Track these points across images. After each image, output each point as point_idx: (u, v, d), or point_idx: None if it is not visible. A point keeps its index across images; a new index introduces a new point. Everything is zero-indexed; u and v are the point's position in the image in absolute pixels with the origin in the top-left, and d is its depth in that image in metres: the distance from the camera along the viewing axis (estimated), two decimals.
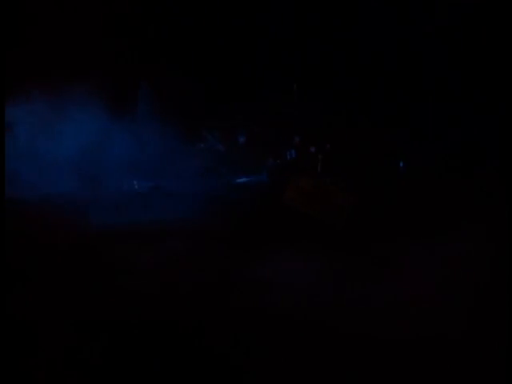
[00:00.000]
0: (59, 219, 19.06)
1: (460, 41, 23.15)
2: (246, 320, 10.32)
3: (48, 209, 20.41)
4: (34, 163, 25.81)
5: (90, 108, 25.48)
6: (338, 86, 26.07)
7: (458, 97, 23.01)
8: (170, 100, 26.01)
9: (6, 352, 8.84)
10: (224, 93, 28.43)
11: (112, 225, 18.96)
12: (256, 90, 27.56)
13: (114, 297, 11.44)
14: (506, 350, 8.89)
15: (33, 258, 14.41)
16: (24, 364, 8.56)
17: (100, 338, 9.52)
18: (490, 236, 14.78)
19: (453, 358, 8.82)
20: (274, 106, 28.17)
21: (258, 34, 28.12)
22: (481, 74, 22.35)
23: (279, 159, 28.31)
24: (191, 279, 12.56)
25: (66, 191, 23.92)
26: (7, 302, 10.95)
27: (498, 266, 12.43)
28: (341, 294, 12.02)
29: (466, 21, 22.41)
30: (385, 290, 11.99)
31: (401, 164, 23.79)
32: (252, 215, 19.86)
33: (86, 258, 14.88)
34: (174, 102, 26.05)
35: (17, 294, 11.58)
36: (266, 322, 9.94)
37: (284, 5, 28.20)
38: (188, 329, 9.77)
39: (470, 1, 22.18)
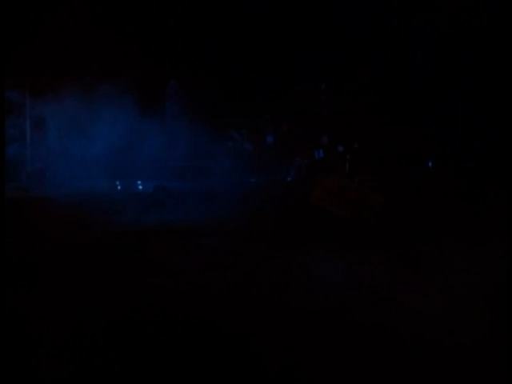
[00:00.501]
0: (93, 217, 19.42)
1: (494, 48, 23.13)
2: (286, 316, 10.57)
3: (83, 207, 20.80)
4: (64, 162, 26.13)
5: (121, 108, 25.76)
6: (367, 87, 26.17)
7: (488, 98, 23.01)
8: (198, 99, 26.29)
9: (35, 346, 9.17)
10: (252, 92, 28.63)
11: (147, 223, 19.20)
12: (284, 90, 27.75)
13: (152, 294, 11.64)
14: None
15: (65, 255, 14.66)
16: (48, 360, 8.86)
17: (141, 335, 9.73)
18: None
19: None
20: (302, 105, 28.30)
21: (286, 35, 28.30)
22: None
23: (307, 159, 28.47)
24: (228, 277, 12.74)
25: (96, 189, 24.21)
26: (36, 296, 11.32)
27: None
28: (373, 291, 12.15)
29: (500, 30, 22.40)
30: (416, 289, 12.12)
31: (429, 164, 23.83)
32: (282, 214, 19.89)
33: (119, 257, 15.07)
34: (203, 101, 26.31)
35: (44, 290, 11.86)
36: (309, 319, 10.11)
37: (309, 7, 28.37)
38: (230, 328, 9.99)
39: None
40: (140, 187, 25.90)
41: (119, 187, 26.27)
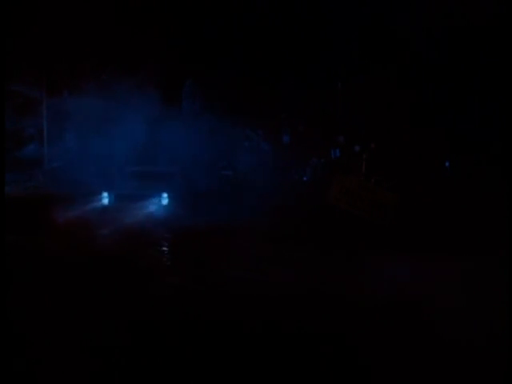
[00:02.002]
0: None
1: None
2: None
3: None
4: (81, 161, 26.17)
5: (139, 106, 25.83)
6: (384, 86, 26.05)
7: (505, 99, 22.84)
8: (215, 99, 26.31)
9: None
10: (268, 92, 28.59)
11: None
12: (300, 89, 27.66)
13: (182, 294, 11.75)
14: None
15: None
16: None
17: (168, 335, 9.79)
18: None
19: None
20: (318, 104, 28.20)
21: (302, 34, 28.24)
22: None
23: (323, 158, 28.39)
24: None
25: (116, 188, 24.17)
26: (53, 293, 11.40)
27: None
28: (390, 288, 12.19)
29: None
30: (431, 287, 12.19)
31: (447, 164, 23.72)
32: (299, 213, 19.85)
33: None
34: (219, 100, 26.32)
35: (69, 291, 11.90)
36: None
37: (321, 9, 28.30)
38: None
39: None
40: None
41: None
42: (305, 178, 26.64)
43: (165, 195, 21.54)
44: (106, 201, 21.81)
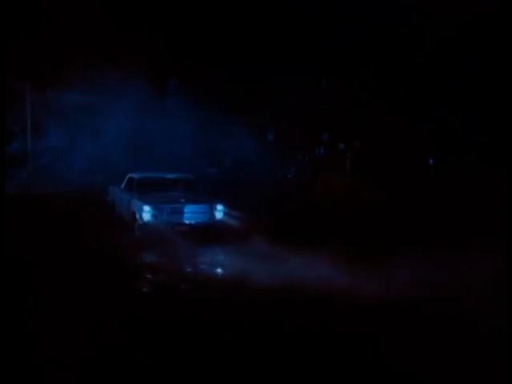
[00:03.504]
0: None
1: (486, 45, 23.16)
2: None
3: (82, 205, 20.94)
4: (66, 158, 26.08)
5: (122, 104, 25.78)
6: (368, 84, 26.17)
7: (487, 95, 23.03)
8: (199, 97, 26.25)
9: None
10: (253, 89, 28.62)
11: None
12: (284, 87, 27.71)
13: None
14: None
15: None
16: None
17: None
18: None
19: None
20: (302, 102, 28.27)
21: (286, 31, 28.28)
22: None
23: (308, 156, 28.46)
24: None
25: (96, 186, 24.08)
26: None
27: None
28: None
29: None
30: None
31: (430, 161, 23.86)
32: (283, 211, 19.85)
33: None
34: (204, 98, 26.28)
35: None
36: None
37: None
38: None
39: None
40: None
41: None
42: (289, 176, 26.73)
43: (220, 207, 18.41)
44: (148, 216, 17.65)
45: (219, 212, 18.41)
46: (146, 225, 17.58)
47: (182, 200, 18.28)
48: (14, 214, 15.32)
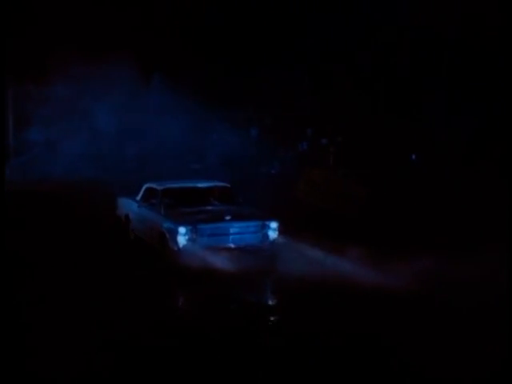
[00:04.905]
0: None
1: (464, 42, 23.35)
2: None
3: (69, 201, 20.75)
4: (49, 154, 25.95)
5: (105, 99, 25.74)
6: (351, 79, 26.28)
7: (469, 91, 23.21)
8: (183, 92, 26.24)
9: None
10: (236, 85, 28.61)
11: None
12: (268, 82, 27.74)
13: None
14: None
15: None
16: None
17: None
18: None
19: None
20: (285, 98, 28.33)
21: (269, 27, 28.30)
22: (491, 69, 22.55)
23: (291, 151, 28.53)
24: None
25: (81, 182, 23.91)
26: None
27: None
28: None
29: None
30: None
31: (413, 156, 24.03)
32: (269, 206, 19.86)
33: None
34: (187, 93, 26.26)
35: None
36: None
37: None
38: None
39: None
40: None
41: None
42: (272, 171, 26.80)
43: (274, 224, 14.79)
44: (183, 240, 14.03)
45: (273, 231, 14.84)
46: (181, 251, 14.02)
47: (227, 217, 14.66)
48: None
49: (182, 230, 13.95)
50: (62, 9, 27.45)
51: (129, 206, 16.73)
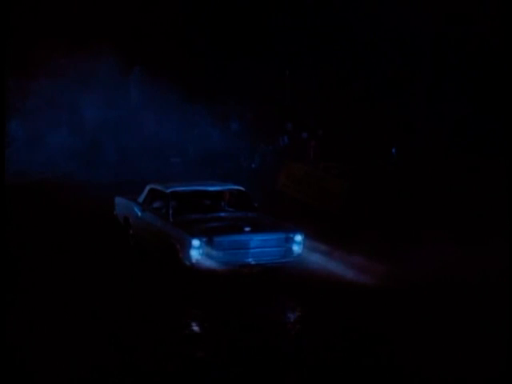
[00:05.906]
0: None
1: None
2: None
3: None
4: (27, 148, 25.74)
5: (84, 92, 25.60)
6: (332, 74, 26.26)
7: (451, 87, 23.25)
8: (163, 86, 26.14)
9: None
10: (217, 79, 28.55)
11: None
12: (248, 76, 27.67)
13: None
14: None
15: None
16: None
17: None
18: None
19: None
20: (266, 91, 28.25)
21: (250, 21, 28.25)
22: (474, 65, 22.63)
23: (271, 145, 28.41)
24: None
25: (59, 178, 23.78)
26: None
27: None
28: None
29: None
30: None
31: (393, 150, 24.01)
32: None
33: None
34: (168, 87, 26.17)
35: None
36: None
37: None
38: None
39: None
40: None
41: None
42: (253, 165, 26.76)
43: (299, 237, 12.95)
44: (197, 255, 12.12)
45: (298, 245, 12.95)
46: (194, 267, 12.20)
47: (246, 228, 12.67)
48: None
49: (195, 242, 12.04)
50: (41, 2, 27.26)
51: (129, 209, 14.94)
